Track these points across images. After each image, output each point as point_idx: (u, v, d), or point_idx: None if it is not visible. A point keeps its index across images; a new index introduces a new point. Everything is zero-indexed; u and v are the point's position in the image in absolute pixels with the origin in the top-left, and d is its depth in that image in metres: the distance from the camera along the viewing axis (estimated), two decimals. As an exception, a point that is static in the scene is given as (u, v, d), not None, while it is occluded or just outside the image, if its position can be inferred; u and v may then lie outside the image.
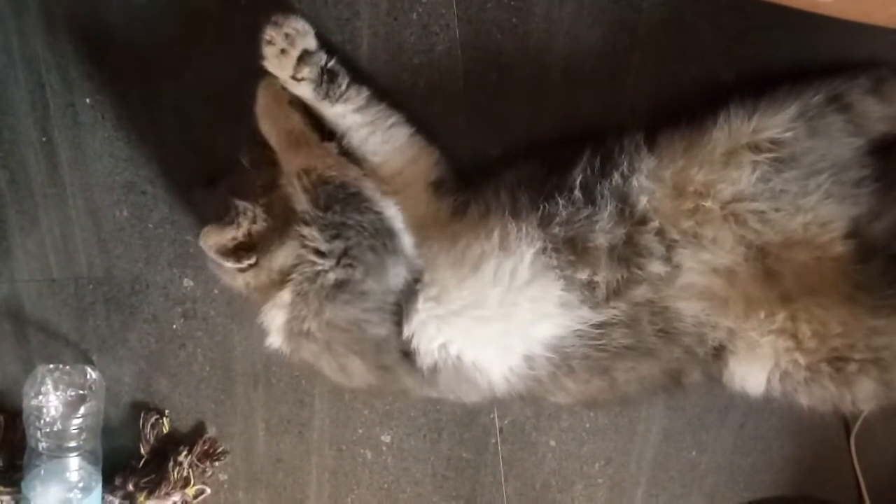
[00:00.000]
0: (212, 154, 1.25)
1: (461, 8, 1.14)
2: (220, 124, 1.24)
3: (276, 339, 1.10)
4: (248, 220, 1.08)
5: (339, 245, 0.99)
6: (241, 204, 1.08)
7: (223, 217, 1.09)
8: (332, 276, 1.00)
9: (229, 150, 1.20)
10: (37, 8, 1.24)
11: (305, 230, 1.01)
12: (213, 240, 1.08)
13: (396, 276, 1.03)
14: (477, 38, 1.15)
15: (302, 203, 1.02)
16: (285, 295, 1.05)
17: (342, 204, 1.00)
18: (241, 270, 1.10)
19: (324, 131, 1.15)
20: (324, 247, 1.00)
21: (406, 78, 1.18)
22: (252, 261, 1.09)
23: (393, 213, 1.04)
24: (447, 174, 1.17)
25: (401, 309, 1.04)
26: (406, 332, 1.05)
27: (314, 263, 1.01)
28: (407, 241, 1.04)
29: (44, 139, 1.31)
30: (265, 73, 1.12)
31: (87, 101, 1.28)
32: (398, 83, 1.18)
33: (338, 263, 1.00)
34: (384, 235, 1.01)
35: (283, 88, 1.12)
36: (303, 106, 1.14)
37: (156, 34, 1.22)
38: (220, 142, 1.25)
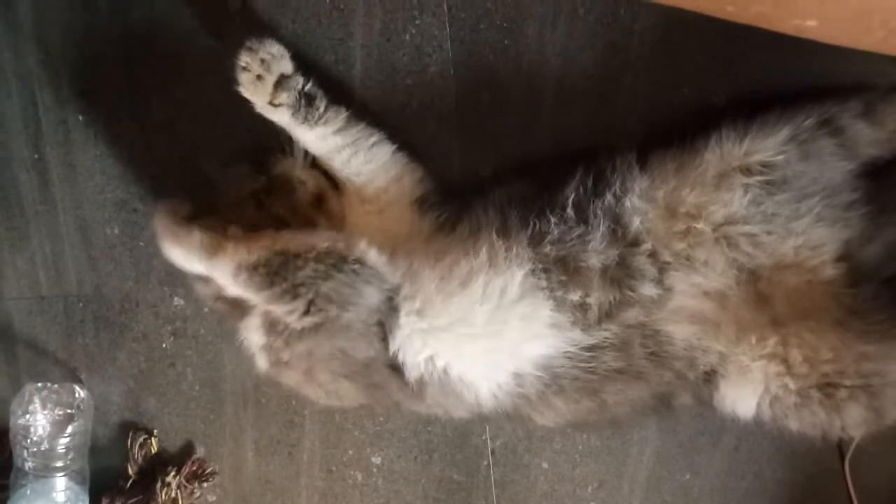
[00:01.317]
0: (203, 172, 1.25)
1: (454, 29, 1.15)
2: (212, 142, 1.24)
3: (260, 363, 1.08)
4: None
5: (301, 302, 0.99)
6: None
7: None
8: (298, 325, 1.00)
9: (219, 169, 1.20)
10: (30, 25, 1.24)
11: (263, 307, 1.02)
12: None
13: (370, 295, 1.01)
14: (470, 59, 1.16)
15: (252, 297, 1.01)
16: (255, 319, 1.05)
17: (281, 273, 0.98)
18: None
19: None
20: (287, 309, 0.99)
21: (399, 98, 1.18)
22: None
23: (330, 244, 1.00)
24: (432, 191, 1.16)
25: (384, 327, 1.03)
26: (392, 347, 1.04)
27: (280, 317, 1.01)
28: (365, 254, 1.02)
29: (35, 156, 1.31)
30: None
31: (80, 118, 1.28)
32: (391, 103, 1.18)
33: (307, 313, 0.99)
34: (337, 269, 0.99)
35: (175, 212, 1.08)
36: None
37: (148, 51, 1.23)
38: (211, 159, 1.25)
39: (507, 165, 1.18)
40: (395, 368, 1.06)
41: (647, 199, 1.02)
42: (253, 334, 1.06)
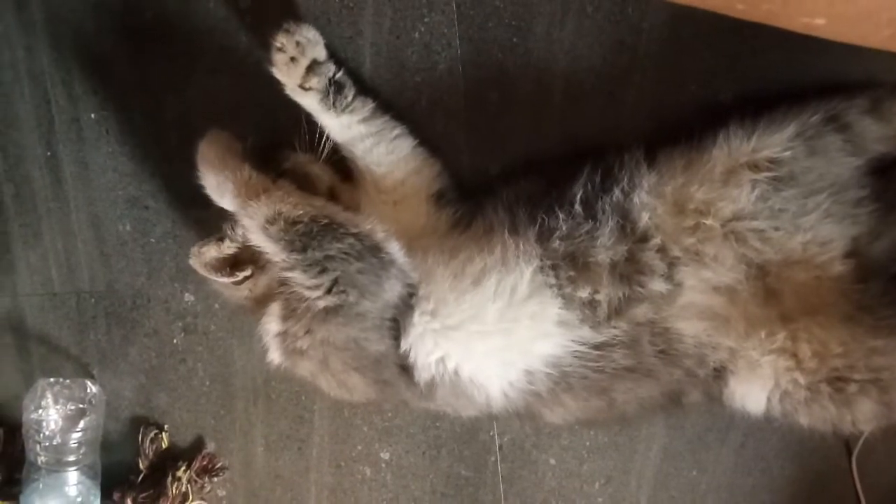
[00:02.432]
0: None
1: (463, 27, 1.15)
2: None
3: (273, 354, 1.09)
4: (240, 235, 1.08)
5: (326, 278, 0.99)
6: (230, 222, 1.08)
7: (212, 235, 1.10)
8: (321, 304, 1.00)
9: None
10: (43, 24, 1.25)
11: (289, 275, 1.01)
12: (204, 258, 1.08)
13: (391, 289, 1.02)
14: (478, 57, 1.16)
15: (277, 253, 1.01)
16: (275, 308, 1.05)
17: (318, 238, 0.98)
18: (237, 283, 1.10)
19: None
20: (311, 283, 1.00)
21: (408, 96, 1.19)
22: (248, 273, 1.09)
23: (371, 227, 1.02)
24: (448, 187, 1.17)
25: (398, 323, 1.04)
26: (404, 345, 1.05)
27: (302, 293, 1.01)
28: (394, 249, 1.03)
29: (48, 154, 1.32)
30: (275, 81, 1.11)
31: (92, 116, 1.29)
32: (400, 101, 1.19)
33: (329, 292, 1.00)
34: (370, 253, 1.00)
35: (230, 142, 1.08)
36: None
37: (159, 50, 1.24)
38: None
39: (516, 163, 1.18)
40: (405, 368, 1.07)
41: (656, 195, 1.03)
42: (271, 322, 1.06)
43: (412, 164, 1.16)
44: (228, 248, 1.09)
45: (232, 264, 1.09)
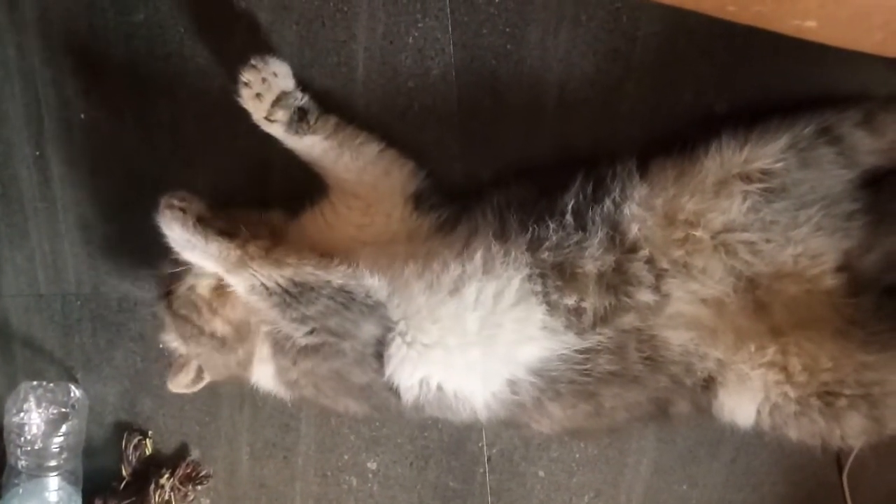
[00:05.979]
0: (203, 172, 1.25)
1: (457, 33, 1.15)
2: (213, 142, 1.25)
3: (280, 392, 1.16)
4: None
5: (305, 327, 1.04)
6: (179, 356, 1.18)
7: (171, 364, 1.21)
8: (302, 342, 1.05)
9: (218, 172, 1.21)
10: (35, 23, 1.25)
11: (271, 325, 1.07)
12: (182, 385, 1.20)
13: (369, 330, 1.04)
14: (472, 64, 1.16)
15: (259, 313, 1.06)
16: (264, 350, 1.10)
17: (294, 303, 1.02)
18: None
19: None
20: (292, 327, 1.04)
21: (400, 101, 1.19)
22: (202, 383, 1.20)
23: (349, 281, 1.02)
24: (428, 189, 1.16)
25: (381, 356, 1.05)
26: (387, 373, 1.06)
27: (285, 331, 1.06)
28: (381, 293, 1.03)
29: (37, 153, 1.31)
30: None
31: (82, 116, 1.28)
32: (393, 106, 1.19)
33: (309, 333, 1.04)
34: (349, 306, 1.02)
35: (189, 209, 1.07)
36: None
37: (152, 52, 1.23)
38: (211, 160, 1.25)
39: (508, 170, 1.18)
40: (392, 390, 1.08)
41: (646, 207, 1.02)
42: (266, 365, 1.13)
43: (380, 167, 1.16)
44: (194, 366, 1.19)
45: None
